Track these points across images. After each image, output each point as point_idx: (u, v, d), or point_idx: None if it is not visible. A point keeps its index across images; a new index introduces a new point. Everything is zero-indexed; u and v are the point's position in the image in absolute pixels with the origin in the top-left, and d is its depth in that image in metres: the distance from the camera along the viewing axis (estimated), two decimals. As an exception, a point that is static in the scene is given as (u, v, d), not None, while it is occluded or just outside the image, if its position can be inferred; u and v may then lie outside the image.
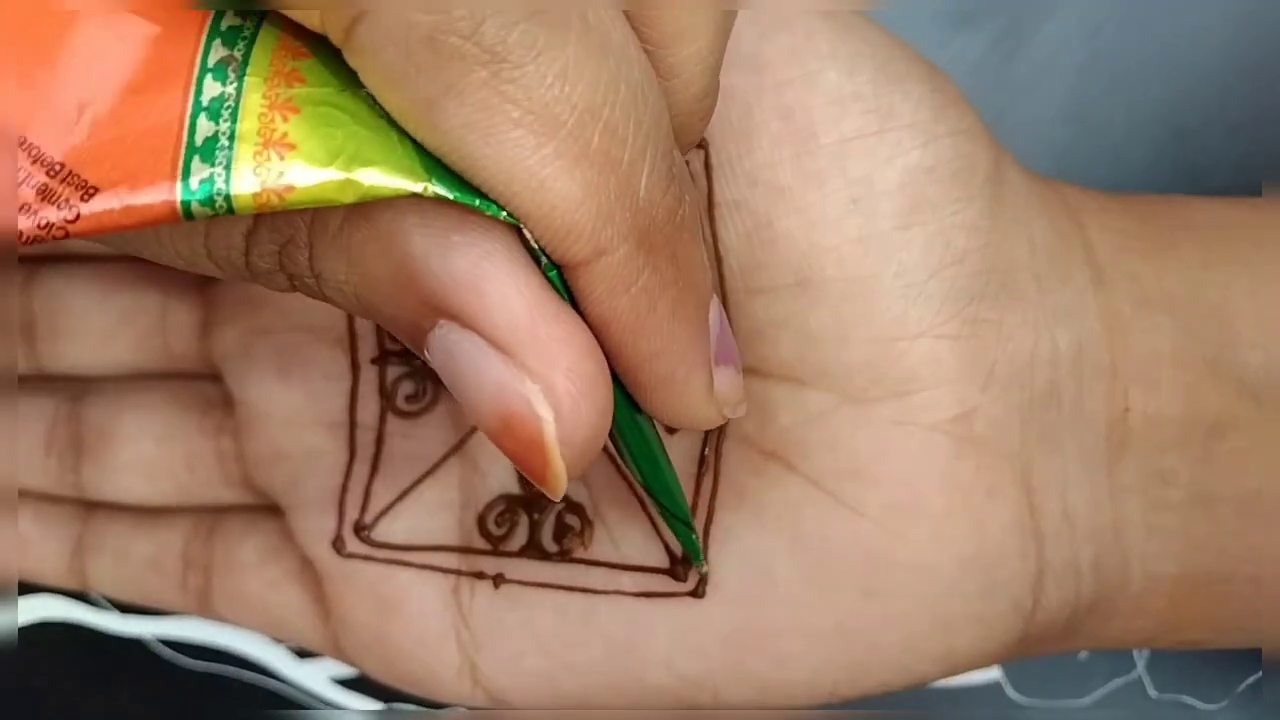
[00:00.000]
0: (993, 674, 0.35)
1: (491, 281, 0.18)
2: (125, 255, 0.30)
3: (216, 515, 0.30)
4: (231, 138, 0.17)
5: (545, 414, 0.18)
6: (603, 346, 0.19)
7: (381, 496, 0.28)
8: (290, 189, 0.17)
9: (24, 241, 0.17)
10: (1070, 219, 0.26)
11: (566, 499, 0.27)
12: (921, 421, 0.24)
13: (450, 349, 0.18)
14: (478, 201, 0.17)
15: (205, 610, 0.30)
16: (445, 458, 0.28)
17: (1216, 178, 0.34)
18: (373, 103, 0.17)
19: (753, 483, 0.25)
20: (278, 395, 0.28)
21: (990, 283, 0.24)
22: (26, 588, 0.34)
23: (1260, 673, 0.35)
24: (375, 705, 0.35)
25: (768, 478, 0.25)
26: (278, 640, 0.35)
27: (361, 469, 0.28)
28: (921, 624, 0.25)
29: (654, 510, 0.26)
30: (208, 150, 0.17)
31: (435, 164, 0.17)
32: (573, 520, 0.27)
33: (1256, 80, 0.34)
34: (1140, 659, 0.36)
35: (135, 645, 0.35)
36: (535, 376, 0.18)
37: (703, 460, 0.26)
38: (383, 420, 0.28)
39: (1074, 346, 0.25)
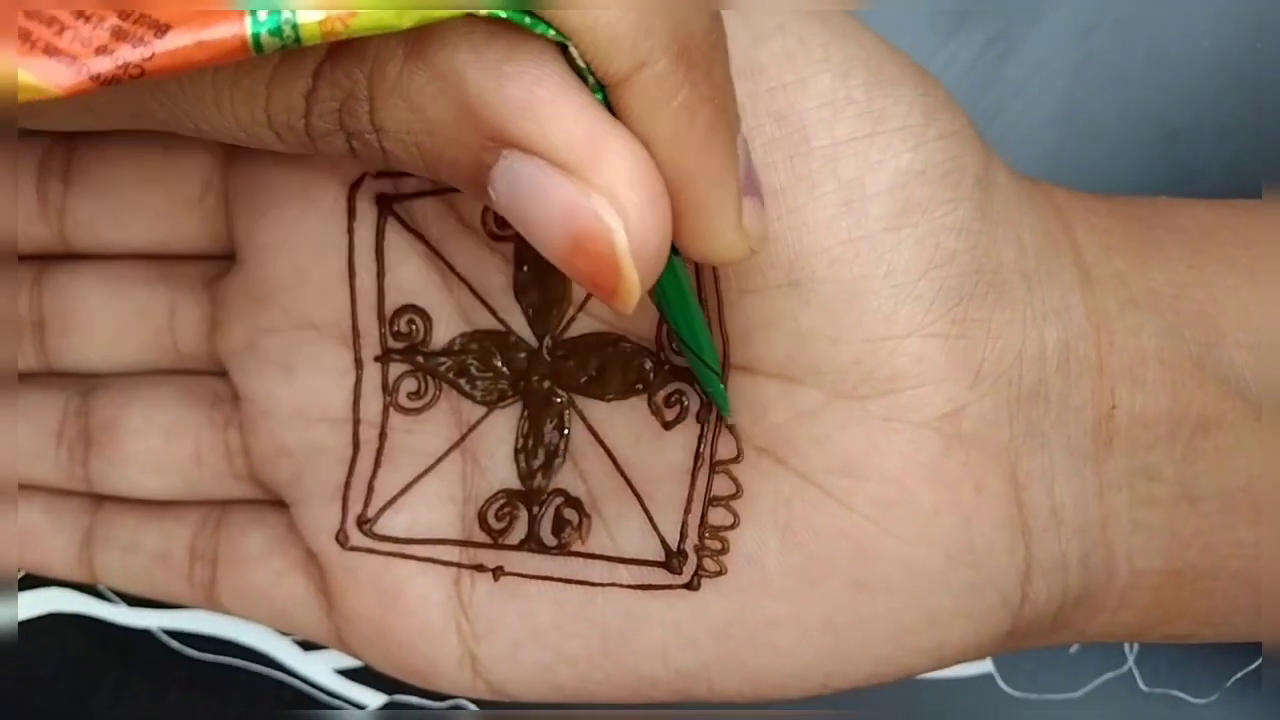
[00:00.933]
0: (984, 667, 0.36)
1: (547, 105, 0.18)
2: (134, 254, 0.31)
3: (223, 509, 0.31)
4: None
5: (615, 223, 0.19)
6: None
7: (384, 491, 0.28)
8: (354, 14, 0.17)
9: (101, 83, 0.17)
10: (1058, 220, 0.27)
11: (565, 493, 0.27)
12: (911, 418, 0.25)
13: (513, 179, 0.19)
14: (527, 20, 0.18)
15: (211, 602, 0.31)
16: (447, 453, 0.28)
17: (1208, 180, 0.35)
18: None
19: (745, 477, 0.26)
20: (282, 392, 0.29)
21: (979, 283, 0.25)
22: (35, 580, 0.34)
23: (1250, 666, 0.36)
24: (379, 697, 0.36)
25: (760, 472, 0.26)
26: (282, 632, 0.35)
27: (364, 464, 0.29)
28: (911, 618, 0.26)
29: (650, 505, 0.27)
30: None
31: None
32: (571, 514, 0.27)
33: (1247, 83, 0.35)
34: (1131, 653, 0.36)
35: (143, 637, 0.36)
36: (600, 190, 0.19)
37: (698, 456, 0.26)
38: (385, 416, 0.28)
39: (1061, 345, 0.26)
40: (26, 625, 0.35)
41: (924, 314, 0.24)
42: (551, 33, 0.18)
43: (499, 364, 0.28)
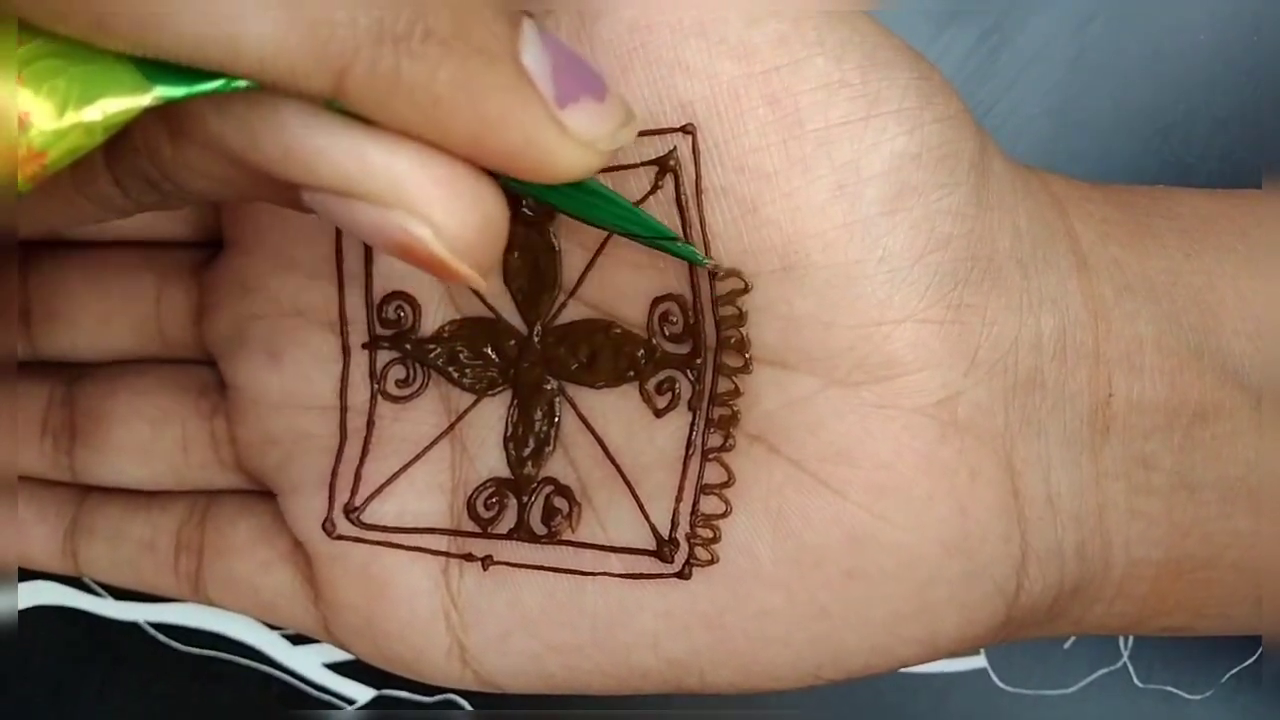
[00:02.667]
0: (978, 662, 0.36)
1: (303, 148, 0.18)
2: (120, 241, 0.30)
3: (210, 498, 0.31)
4: None
5: (422, 231, 0.19)
6: None
7: (372, 479, 0.28)
8: (44, 154, 0.17)
9: None
10: (1054, 206, 0.27)
11: (555, 482, 0.27)
12: (905, 405, 0.24)
13: (321, 207, 0.19)
14: (211, 86, 0.18)
15: (197, 594, 0.30)
16: (435, 441, 0.28)
17: (1203, 172, 0.35)
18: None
19: (737, 465, 0.25)
20: (269, 379, 0.29)
21: (974, 268, 0.25)
22: (21, 573, 0.34)
23: (1245, 663, 0.36)
24: (368, 691, 0.35)
25: (752, 460, 0.25)
26: (269, 624, 0.35)
27: (352, 452, 0.28)
28: (905, 607, 0.25)
29: (641, 493, 0.26)
30: None
31: (157, 69, 0.18)
32: (561, 503, 0.27)
33: (1242, 75, 0.35)
34: (1125, 649, 0.36)
35: (130, 630, 0.35)
36: (394, 204, 0.18)
37: (689, 445, 0.26)
38: (373, 404, 0.28)
39: (1058, 332, 0.25)
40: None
41: (919, 299, 0.24)
42: (243, 85, 0.18)
43: (488, 351, 0.28)
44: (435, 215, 0.19)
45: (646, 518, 0.26)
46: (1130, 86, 0.35)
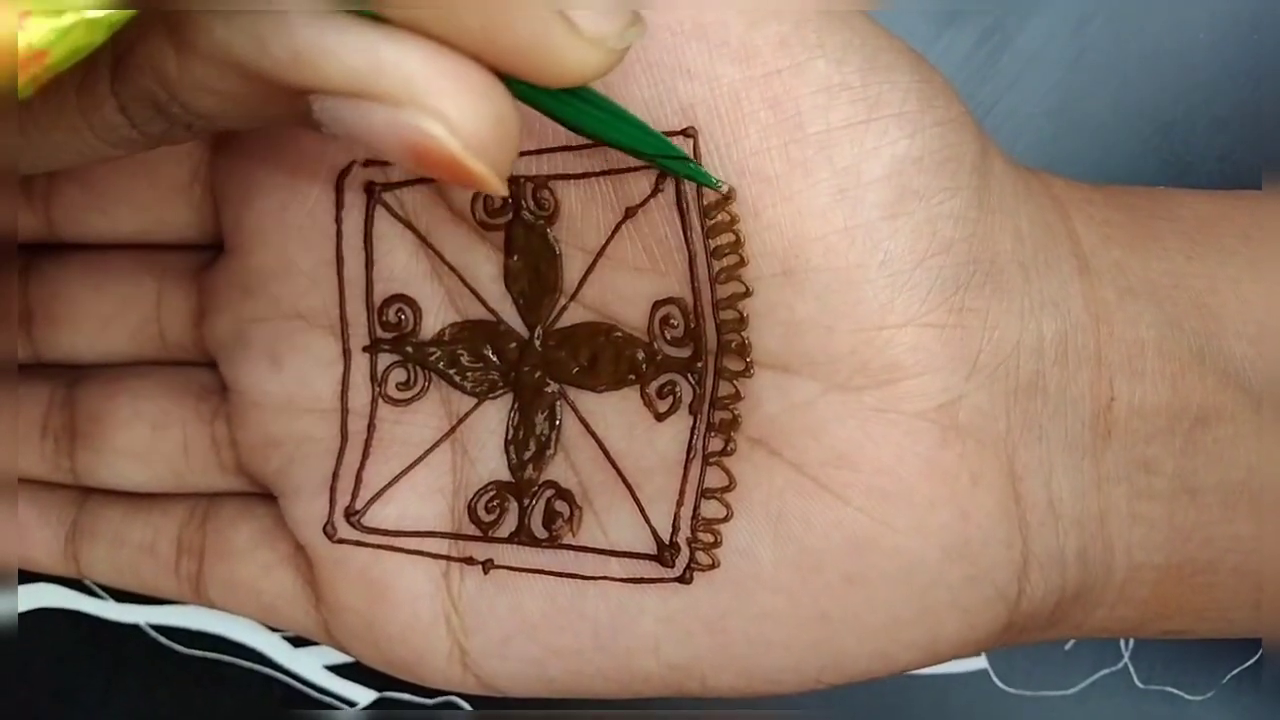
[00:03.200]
0: (979, 663, 0.36)
1: (313, 51, 0.18)
2: (121, 244, 0.30)
3: (211, 501, 0.31)
4: None
5: (437, 129, 0.18)
6: None
7: (373, 483, 0.28)
8: (46, 54, 0.17)
9: None
10: (1056, 209, 0.27)
11: (556, 485, 0.27)
12: (906, 409, 0.24)
13: (332, 116, 0.19)
14: None
15: (198, 596, 0.30)
16: (436, 444, 0.28)
17: (1203, 172, 0.35)
18: None
19: (738, 469, 0.25)
20: (270, 382, 0.29)
21: (976, 272, 0.25)
22: (23, 575, 0.34)
23: (1246, 664, 0.36)
24: (369, 693, 0.35)
25: (753, 464, 0.25)
26: (270, 626, 0.35)
27: (353, 455, 0.28)
28: (906, 611, 0.25)
29: (642, 497, 0.26)
30: None
31: None
32: (562, 506, 0.27)
33: (1242, 74, 0.34)
34: (1126, 650, 0.36)
35: (132, 633, 0.35)
36: (408, 103, 0.18)
37: (690, 449, 0.26)
38: (374, 407, 0.28)
39: (1059, 335, 0.25)
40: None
41: (920, 303, 0.24)
42: None
43: (489, 354, 0.28)
44: (449, 111, 0.18)
45: (648, 521, 0.26)
46: (1130, 86, 0.35)
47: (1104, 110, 0.35)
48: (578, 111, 0.22)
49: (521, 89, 0.20)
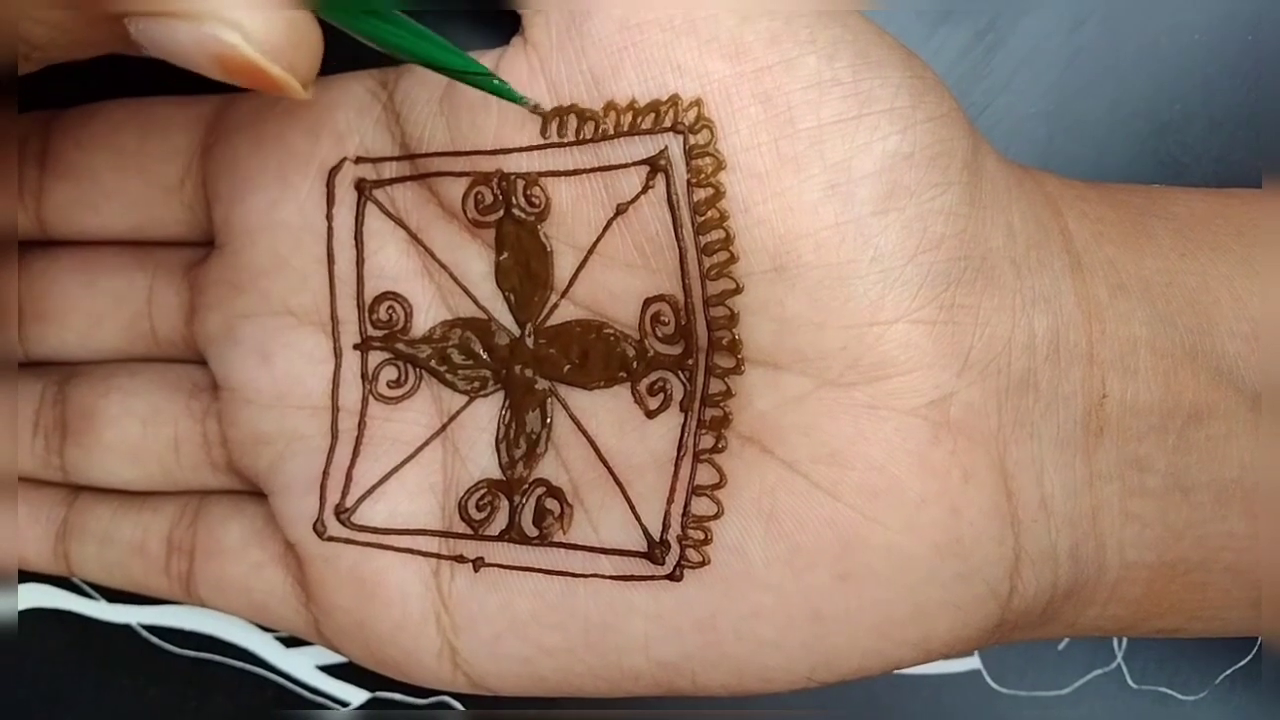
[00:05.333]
0: (972, 663, 0.36)
1: None
2: (112, 240, 0.30)
3: (201, 499, 0.30)
4: None
5: (233, 37, 0.20)
6: None
7: (363, 480, 0.28)
8: None
9: None
10: (1048, 206, 0.26)
11: (546, 483, 0.27)
12: (898, 406, 0.24)
13: (147, 37, 0.20)
14: None
15: (189, 595, 0.30)
16: (427, 443, 0.28)
17: (1198, 172, 0.35)
18: None
19: (729, 466, 0.25)
20: (261, 379, 0.28)
21: (967, 268, 0.25)
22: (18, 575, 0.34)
23: (1239, 664, 0.36)
24: (361, 693, 0.35)
25: (744, 461, 0.25)
26: (260, 625, 0.35)
27: (343, 453, 0.28)
28: (897, 609, 0.25)
29: (632, 494, 0.26)
30: None
31: None
32: (553, 504, 0.27)
33: (1238, 75, 0.34)
34: (1119, 650, 0.36)
35: (123, 633, 0.35)
36: (206, 17, 0.20)
37: (681, 446, 0.26)
38: (365, 405, 0.28)
39: (1051, 333, 0.25)
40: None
41: (911, 299, 0.24)
42: None
43: (480, 352, 0.28)
44: (244, 21, 0.20)
45: (638, 519, 0.26)
46: (1125, 87, 0.35)
47: (1099, 111, 0.35)
48: (380, 29, 0.23)
49: (328, 11, 0.22)
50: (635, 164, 0.25)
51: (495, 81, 0.24)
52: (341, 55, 0.25)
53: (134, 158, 0.29)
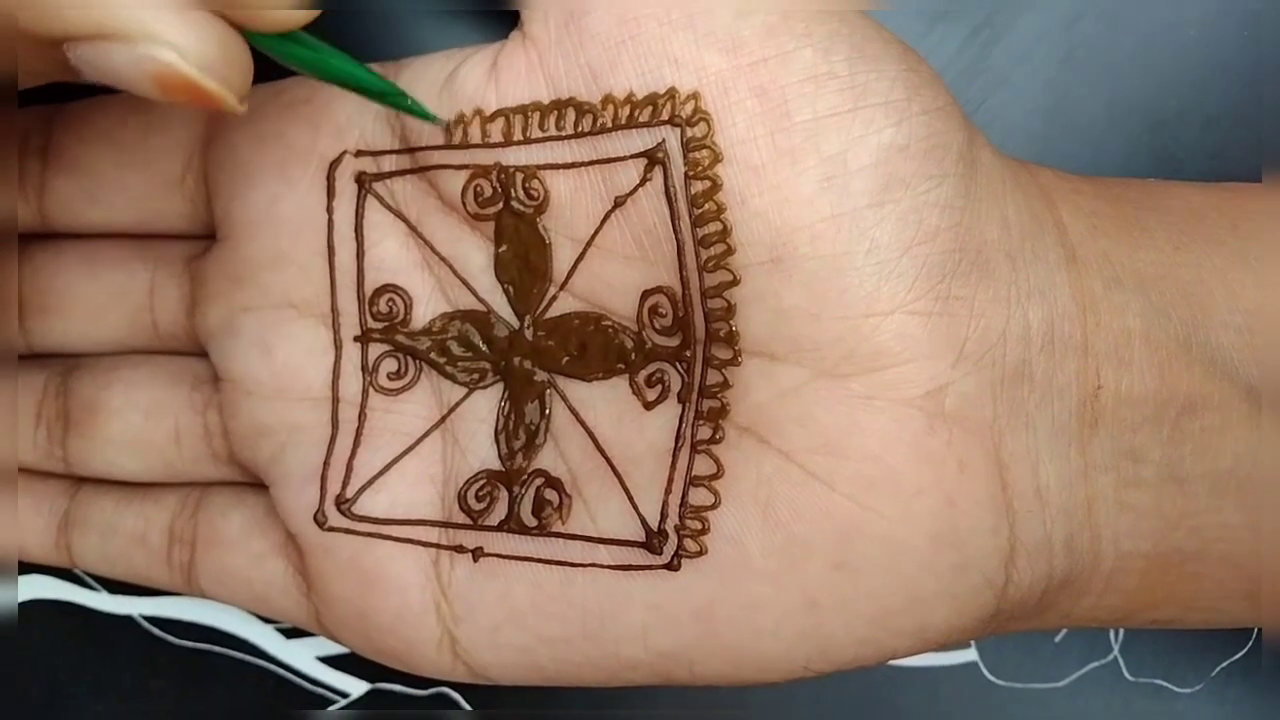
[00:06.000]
0: (968, 655, 0.36)
1: (56, 2, 0.20)
2: (113, 233, 0.30)
3: (203, 490, 0.31)
4: None
5: (169, 56, 0.21)
6: None
7: (363, 471, 0.28)
8: None
9: None
10: (1043, 199, 0.27)
11: (545, 474, 0.27)
12: (893, 397, 0.24)
13: (85, 61, 0.21)
14: None
15: (190, 586, 0.30)
16: (427, 434, 0.28)
17: (1193, 169, 0.35)
18: None
19: (726, 456, 0.26)
20: (262, 371, 0.29)
21: (962, 260, 0.25)
22: (19, 567, 0.34)
23: (1235, 656, 0.36)
24: (362, 684, 0.36)
25: (741, 452, 0.25)
26: (262, 616, 0.35)
27: (344, 444, 0.28)
28: (893, 599, 0.25)
29: (630, 485, 0.26)
30: None
31: None
32: (551, 495, 0.27)
33: (1233, 71, 0.35)
34: (1116, 642, 0.36)
35: (125, 624, 0.35)
36: (141, 37, 0.20)
37: (679, 437, 0.26)
38: (365, 396, 0.28)
39: (1046, 324, 0.25)
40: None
41: (906, 291, 0.24)
42: None
43: (480, 344, 0.28)
44: (177, 39, 0.20)
45: (636, 509, 0.26)
46: (1121, 83, 0.35)
47: (1095, 107, 0.35)
48: (297, 52, 0.24)
49: (252, 36, 0.22)
50: (633, 157, 0.25)
51: (408, 101, 0.25)
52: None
53: (136, 152, 0.30)
